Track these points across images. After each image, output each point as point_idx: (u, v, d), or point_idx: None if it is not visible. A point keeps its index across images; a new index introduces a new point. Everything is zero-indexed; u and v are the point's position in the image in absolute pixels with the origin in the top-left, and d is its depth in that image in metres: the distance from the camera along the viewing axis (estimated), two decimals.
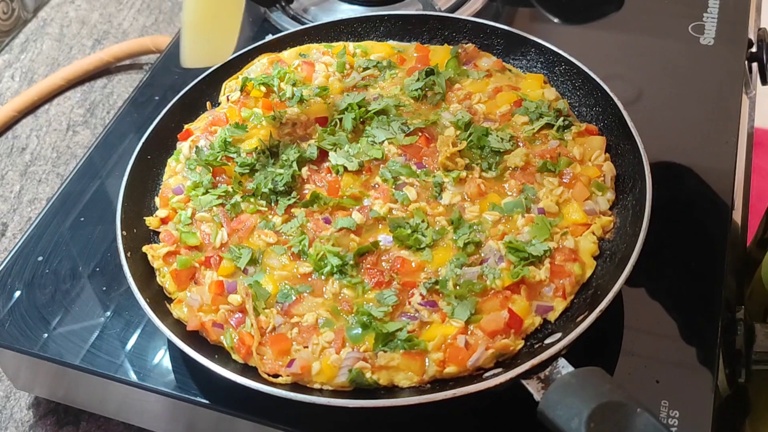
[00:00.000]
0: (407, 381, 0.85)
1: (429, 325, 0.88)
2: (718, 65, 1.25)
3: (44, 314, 0.99)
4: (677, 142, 1.14)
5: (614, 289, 0.84)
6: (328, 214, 0.98)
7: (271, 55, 1.19)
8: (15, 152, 1.37)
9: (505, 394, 0.82)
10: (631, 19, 1.37)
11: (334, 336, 0.87)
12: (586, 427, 0.71)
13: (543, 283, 0.90)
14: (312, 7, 1.42)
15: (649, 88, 1.22)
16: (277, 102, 1.13)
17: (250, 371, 0.87)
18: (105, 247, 1.06)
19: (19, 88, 1.48)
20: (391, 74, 1.16)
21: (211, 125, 1.10)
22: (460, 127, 1.05)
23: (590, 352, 0.86)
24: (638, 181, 0.96)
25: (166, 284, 0.95)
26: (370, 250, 0.93)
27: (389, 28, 1.23)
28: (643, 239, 0.88)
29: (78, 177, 1.15)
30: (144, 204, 1.04)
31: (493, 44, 1.19)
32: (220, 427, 0.93)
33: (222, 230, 0.97)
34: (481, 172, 1.01)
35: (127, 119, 1.24)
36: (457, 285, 0.90)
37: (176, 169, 1.07)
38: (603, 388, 0.75)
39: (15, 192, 1.31)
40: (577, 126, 1.06)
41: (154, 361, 0.94)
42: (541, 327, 0.89)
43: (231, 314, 0.90)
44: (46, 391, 1.03)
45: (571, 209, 0.96)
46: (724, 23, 1.32)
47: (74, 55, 1.54)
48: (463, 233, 0.94)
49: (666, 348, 0.93)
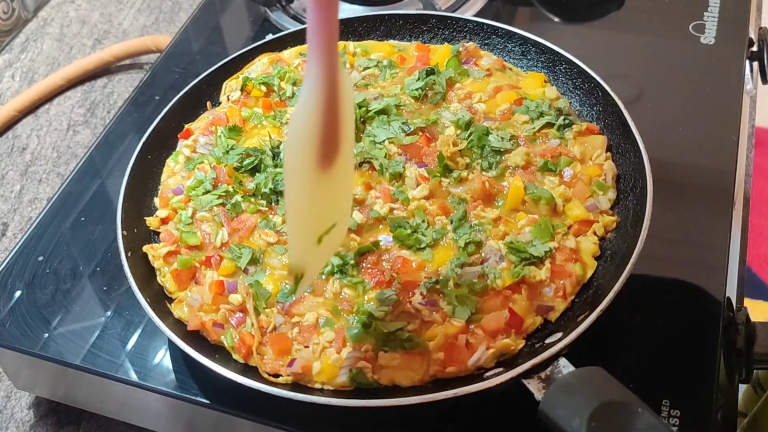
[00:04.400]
0: (408, 381, 0.85)
1: (430, 325, 0.88)
2: (718, 64, 1.25)
3: (45, 314, 0.99)
4: (678, 141, 1.14)
5: (615, 289, 0.84)
6: None
7: (272, 54, 1.19)
8: (15, 152, 1.37)
9: (506, 394, 0.82)
10: (632, 18, 1.37)
11: (334, 336, 0.87)
12: (587, 427, 0.71)
13: (543, 283, 0.90)
14: None
15: (650, 87, 1.22)
16: (278, 101, 1.13)
17: (251, 371, 0.87)
18: (105, 246, 1.06)
19: (19, 87, 1.48)
20: (392, 74, 1.16)
21: (211, 125, 1.10)
22: (460, 126, 1.05)
23: (591, 352, 0.86)
24: (639, 181, 0.96)
25: (167, 284, 0.95)
26: (370, 250, 0.93)
27: (389, 27, 1.23)
28: (643, 239, 0.88)
29: (78, 177, 1.15)
30: (144, 204, 1.04)
31: (493, 43, 1.19)
32: (221, 427, 0.93)
33: (222, 230, 0.97)
34: (482, 171, 1.01)
35: (128, 119, 1.24)
36: (458, 284, 0.89)
37: (175, 169, 1.07)
38: (604, 388, 0.75)
39: (15, 192, 1.31)
40: (577, 125, 1.06)
41: (154, 360, 0.94)
42: (541, 327, 0.89)
43: (231, 314, 0.90)
44: (46, 391, 1.03)
45: (573, 205, 0.96)
46: (724, 22, 1.32)
47: (74, 54, 1.54)
48: (464, 233, 0.94)
49: (667, 347, 0.92)
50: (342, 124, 0.76)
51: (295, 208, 0.78)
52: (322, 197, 0.78)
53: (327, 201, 0.79)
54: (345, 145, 0.77)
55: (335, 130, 0.75)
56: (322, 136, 0.74)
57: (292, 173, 0.76)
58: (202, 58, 1.37)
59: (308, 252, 0.80)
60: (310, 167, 0.75)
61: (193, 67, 1.33)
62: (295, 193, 0.77)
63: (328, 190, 0.78)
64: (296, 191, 0.77)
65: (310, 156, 0.74)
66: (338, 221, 0.81)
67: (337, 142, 0.76)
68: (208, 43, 1.40)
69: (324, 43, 0.71)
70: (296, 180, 0.76)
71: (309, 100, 0.73)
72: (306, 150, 0.74)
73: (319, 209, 0.79)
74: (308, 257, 0.81)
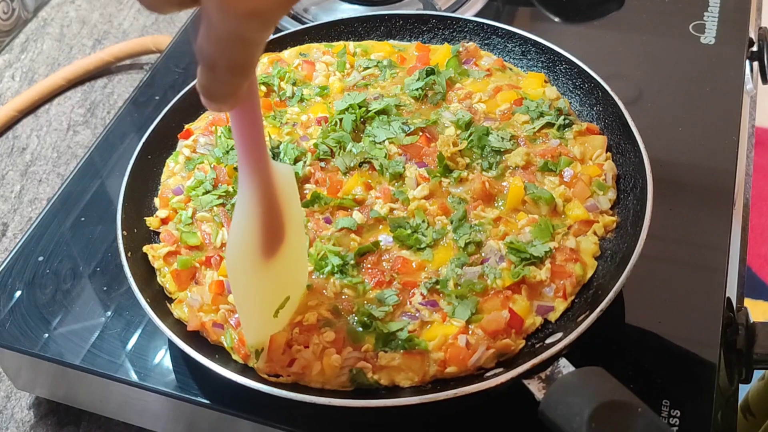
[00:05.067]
0: (408, 381, 0.85)
1: (430, 325, 0.88)
2: (718, 64, 1.25)
3: (45, 314, 0.99)
4: (678, 141, 1.14)
5: (615, 289, 0.84)
6: (328, 214, 0.98)
7: (272, 54, 1.19)
8: (15, 152, 1.37)
9: (506, 394, 0.82)
10: (632, 18, 1.37)
11: (334, 336, 0.87)
12: (587, 427, 0.71)
13: (544, 283, 0.90)
14: (312, 6, 1.42)
15: (650, 88, 1.22)
16: (278, 101, 1.13)
17: (251, 371, 0.86)
18: (105, 247, 1.06)
19: (19, 88, 1.48)
20: (392, 74, 1.16)
21: (211, 125, 1.10)
22: (460, 126, 1.05)
23: (591, 352, 0.86)
24: (639, 181, 0.96)
25: (167, 284, 0.95)
26: (370, 250, 0.93)
27: (390, 27, 1.23)
28: (643, 239, 0.88)
29: (78, 177, 1.15)
30: (144, 204, 1.04)
31: (493, 43, 1.19)
32: (221, 427, 0.93)
33: (223, 230, 0.97)
34: (482, 171, 1.01)
35: (128, 119, 1.24)
36: (458, 285, 0.89)
37: (175, 169, 1.06)
38: (604, 388, 0.75)
39: (15, 192, 1.31)
40: (577, 125, 1.06)
41: (154, 361, 0.94)
42: (542, 327, 0.89)
43: (231, 314, 0.90)
44: (46, 391, 1.03)
45: (573, 205, 0.96)
46: (724, 22, 1.32)
47: (74, 54, 1.54)
48: (464, 233, 0.94)
49: (667, 347, 0.92)
50: (283, 215, 0.80)
51: (244, 298, 0.82)
52: (271, 281, 0.83)
53: (277, 282, 0.84)
54: (291, 229, 0.82)
55: (275, 224, 0.80)
56: (262, 233, 0.78)
57: (237, 270, 0.80)
58: None
59: (265, 328, 0.85)
60: (255, 261, 0.79)
61: (193, 67, 1.31)
62: (242, 287, 0.81)
63: (276, 273, 0.82)
64: (244, 284, 0.81)
65: (253, 252, 0.79)
66: (291, 294, 0.86)
67: (279, 233, 0.81)
68: None
69: (248, 151, 0.73)
70: (242, 275, 0.80)
71: (244, 206, 0.76)
72: (248, 248, 0.78)
73: (270, 291, 0.84)
74: (266, 331, 0.85)
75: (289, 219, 0.81)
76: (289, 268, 0.85)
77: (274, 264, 0.81)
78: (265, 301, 0.84)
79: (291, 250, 0.83)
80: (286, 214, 0.80)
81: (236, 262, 0.79)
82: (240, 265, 0.79)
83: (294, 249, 0.84)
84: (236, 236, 0.78)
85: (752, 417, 1.25)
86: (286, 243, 0.82)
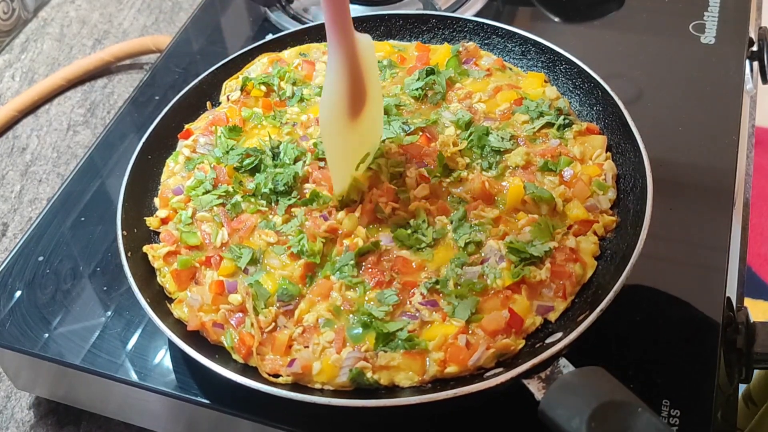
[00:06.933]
0: (408, 381, 0.85)
1: (430, 325, 0.88)
2: (718, 64, 1.25)
3: (45, 314, 0.99)
4: (678, 141, 1.14)
5: (615, 289, 0.84)
6: (326, 212, 0.98)
7: (272, 54, 1.19)
8: (15, 152, 1.37)
9: (506, 394, 0.82)
10: (632, 18, 1.37)
11: (334, 335, 0.87)
12: (587, 427, 0.71)
13: (543, 283, 0.90)
14: (312, 6, 1.42)
15: (650, 87, 1.22)
16: (278, 101, 1.13)
17: (251, 371, 0.87)
18: (105, 247, 1.06)
19: (19, 88, 1.48)
20: (392, 74, 1.16)
21: (211, 125, 1.10)
22: (460, 126, 1.05)
23: (591, 352, 0.86)
24: (639, 180, 0.96)
25: (167, 284, 0.95)
26: (371, 250, 0.93)
27: (389, 27, 1.23)
28: (643, 239, 0.88)
29: (78, 177, 1.15)
30: (144, 204, 1.04)
31: (493, 43, 1.19)
32: (221, 427, 0.93)
33: (222, 230, 0.97)
34: (482, 171, 1.01)
35: (128, 119, 1.24)
36: (458, 284, 0.89)
37: (175, 169, 1.07)
38: (604, 388, 0.75)
39: (15, 192, 1.31)
40: (577, 125, 1.06)
41: (154, 361, 0.94)
42: (541, 327, 0.89)
43: (231, 314, 0.90)
44: (46, 391, 1.03)
45: (573, 205, 0.96)
46: (724, 22, 1.32)
47: (74, 54, 1.54)
48: (464, 233, 0.94)
49: (667, 347, 0.92)
50: (365, 81, 0.92)
51: (333, 153, 0.95)
52: (355, 139, 0.95)
53: (360, 140, 0.96)
54: (371, 93, 0.93)
55: (359, 88, 0.91)
56: (348, 96, 0.90)
57: (329, 128, 0.92)
58: (202, 58, 1.37)
59: (349, 179, 0.97)
60: (343, 121, 0.92)
61: (193, 67, 1.33)
62: (333, 142, 0.94)
63: (359, 132, 0.95)
64: (334, 141, 0.94)
65: (341, 113, 0.91)
66: (370, 150, 0.99)
67: (362, 96, 0.92)
68: (208, 43, 1.40)
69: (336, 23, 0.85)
70: (334, 133, 0.93)
71: (334, 73, 0.88)
72: (338, 110, 0.91)
73: (354, 148, 0.96)
74: (349, 181, 0.97)
75: (370, 84, 0.93)
76: (368, 128, 0.97)
77: (358, 124, 0.93)
78: (351, 156, 0.96)
79: (370, 112, 0.95)
80: (367, 80, 0.92)
81: (329, 123, 0.91)
82: (332, 125, 0.91)
83: (373, 111, 0.96)
84: (328, 100, 0.90)
85: (754, 405, 1.25)
86: (367, 105, 0.93)
